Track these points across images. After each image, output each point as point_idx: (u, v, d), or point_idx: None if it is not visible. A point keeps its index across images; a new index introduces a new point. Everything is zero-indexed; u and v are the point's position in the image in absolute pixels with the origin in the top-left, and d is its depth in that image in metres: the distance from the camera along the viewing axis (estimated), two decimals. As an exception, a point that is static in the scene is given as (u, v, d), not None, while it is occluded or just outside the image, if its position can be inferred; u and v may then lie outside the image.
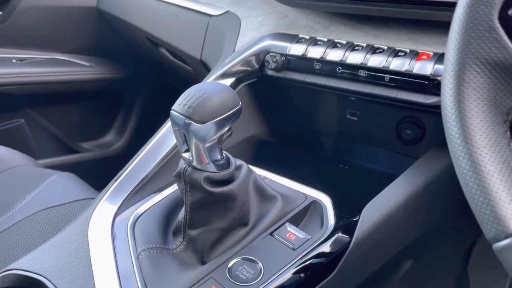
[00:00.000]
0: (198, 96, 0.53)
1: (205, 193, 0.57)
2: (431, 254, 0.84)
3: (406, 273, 0.81)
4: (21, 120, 1.42)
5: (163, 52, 1.36)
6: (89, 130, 1.64)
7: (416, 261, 0.81)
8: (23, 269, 0.56)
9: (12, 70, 1.34)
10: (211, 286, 0.54)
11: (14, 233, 0.86)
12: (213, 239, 0.59)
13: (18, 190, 1.00)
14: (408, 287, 0.85)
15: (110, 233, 0.60)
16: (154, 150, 0.73)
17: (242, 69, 0.83)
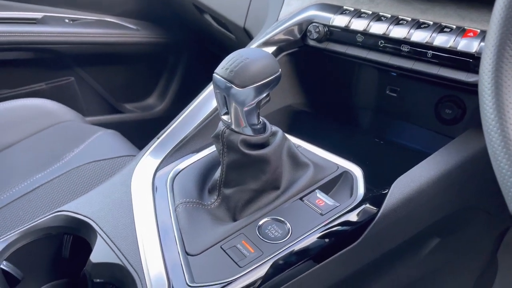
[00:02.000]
0: (240, 61, 0.55)
1: (240, 155, 0.60)
2: (459, 234, 0.84)
3: (432, 250, 0.81)
4: (71, 78, 1.50)
5: (207, 19, 1.38)
6: (133, 92, 1.70)
7: (443, 240, 0.82)
8: (73, 211, 0.62)
9: (65, 30, 1.41)
10: (241, 240, 0.57)
11: (64, 181, 0.93)
12: (245, 199, 0.62)
13: (67, 143, 1.07)
14: (433, 264, 0.86)
15: (151, 185, 0.65)
16: (195, 112, 0.76)
17: (284, 38, 0.84)
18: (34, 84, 1.43)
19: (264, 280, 0.54)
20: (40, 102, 1.19)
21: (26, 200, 0.90)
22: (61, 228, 0.62)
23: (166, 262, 0.54)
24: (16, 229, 0.60)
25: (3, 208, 0.88)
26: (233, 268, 0.54)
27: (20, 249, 0.59)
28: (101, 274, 0.55)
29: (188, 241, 0.57)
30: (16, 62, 1.40)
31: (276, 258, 0.55)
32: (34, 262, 0.61)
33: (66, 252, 0.62)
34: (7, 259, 0.58)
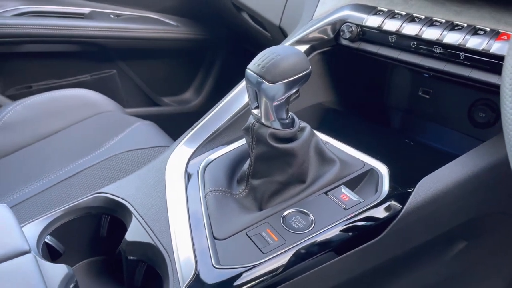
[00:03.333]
0: (271, 57, 0.58)
1: (269, 148, 0.62)
2: (487, 239, 0.83)
3: (458, 253, 0.81)
4: (113, 70, 1.57)
5: (245, 17, 1.41)
6: (171, 86, 1.77)
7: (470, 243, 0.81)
8: (111, 193, 0.67)
9: (110, 25, 1.48)
10: (266, 229, 0.60)
11: (103, 167, 0.99)
12: (272, 190, 0.65)
13: (108, 132, 1.13)
14: (459, 268, 0.86)
15: (184, 172, 0.69)
16: (228, 106, 0.79)
17: (317, 37, 0.86)
18: (79, 75, 1.51)
19: (286, 267, 0.56)
20: (84, 92, 1.26)
21: (68, 183, 0.96)
22: (100, 209, 0.66)
23: (195, 244, 0.57)
24: (60, 207, 0.66)
25: (48, 189, 0.94)
26: (257, 254, 0.56)
27: (62, 225, 0.64)
28: (134, 252, 0.60)
29: (216, 226, 0.60)
30: (64, 54, 1.48)
31: (298, 247, 0.57)
32: (75, 238, 0.66)
33: (103, 231, 0.67)
34: (51, 233, 0.63)
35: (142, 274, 0.60)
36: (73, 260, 0.65)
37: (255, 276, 0.55)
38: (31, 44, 1.40)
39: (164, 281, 0.56)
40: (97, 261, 0.69)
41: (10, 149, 1.10)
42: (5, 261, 0.49)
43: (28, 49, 1.42)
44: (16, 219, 0.55)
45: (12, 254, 0.49)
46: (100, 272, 0.68)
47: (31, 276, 0.47)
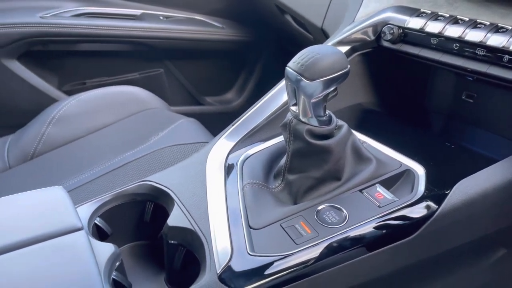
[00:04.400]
0: (311, 56, 0.60)
1: (305, 144, 0.64)
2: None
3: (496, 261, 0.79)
4: (161, 70, 1.65)
5: (288, 19, 1.44)
6: (214, 86, 1.82)
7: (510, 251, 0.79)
8: (155, 182, 0.71)
9: (159, 26, 1.55)
10: (300, 221, 0.62)
11: (148, 160, 1.05)
12: (307, 185, 0.67)
13: (153, 127, 1.19)
14: (498, 276, 0.84)
15: (223, 165, 0.72)
16: (267, 104, 0.82)
17: (358, 38, 0.87)
18: (129, 73, 1.60)
19: (317, 259, 0.58)
20: (133, 89, 1.33)
21: (116, 173, 1.02)
22: (145, 196, 0.71)
23: (231, 231, 0.60)
24: (108, 192, 0.71)
25: (98, 178, 1.01)
26: (290, 244, 0.59)
27: (111, 209, 0.69)
28: (175, 236, 0.63)
29: (252, 217, 0.63)
30: (116, 53, 1.57)
31: (331, 240, 0.59)
32: (121, 222, 0.71)
33: (147, 217, 0.72)
34: (100, 216, 0.68)
35: (181, 258, 0.63)
36: (119, 242, 0.70)
37: (287, 265, 0.57)
38: (87, 43, 1.50)
39: (201, 265, 0.59)
40: (140, 245, 0.74)
41: (64, 140, 1.18)
42: (60, 236, 0.54)
43: (83, 48, 1.52)
44: (71, 200, 0.60)
45: (67, 230, 0.55)
46: (142, 255, 0.72)
47: (83, 250, 0.52)
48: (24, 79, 1.42)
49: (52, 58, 1.49)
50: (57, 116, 1.20)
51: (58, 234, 0.54)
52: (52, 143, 1.17)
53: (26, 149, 1.16)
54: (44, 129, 1.17)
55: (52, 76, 1.51)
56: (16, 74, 1.41)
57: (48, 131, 1.17)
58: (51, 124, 1.18)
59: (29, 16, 1.39)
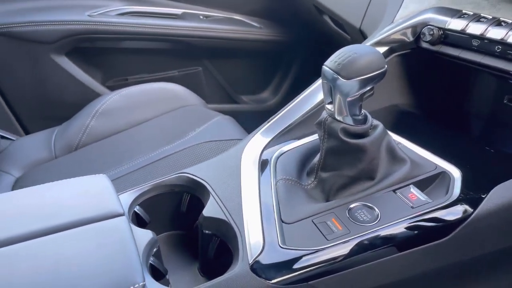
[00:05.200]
0: (348, 55, 0.61)
1: (339, 142, 0.65)
2: None
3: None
4: (199, 68, 1.69)
5: (326, 19, 1.44)
6: (250, 85, 1.84)
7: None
8: (192, 174, 0.74)
9: (199, 25, 1.59)
10: (331, 218, 0.63)
11: (185, 155, 1.08)
12: (340, 183, 0.67)
13: (191, 123, 1.23)
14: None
15: (257, 160, 0.74)
16: (303, 102, 0.83)
17: (397, 39, 0.87)
18: (169, 71, 1.65)
19: (347, 256, 0.59)
20: (172, 86, 1.38)
21: (154, 166, 1.07)
22: (182, 187, 0.74)
23: (264, 224, 0.62)
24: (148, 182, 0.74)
25: (138, 170, 1.06)
26: (321, 240, 0.60)
27: (149, 198, 0.73)
28: (209, 226, 0.66)
29: (284, 211, 0.65)
30: (157, 51, 1.62)
31: (362, 238, 0.60)
32: (159, 211, 0.74)
33: (184, 207, 0.75)
34: (139, 204, 0.72)
35: (215, 247, 0.66)
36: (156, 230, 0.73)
37: (317, 260, 0.58)
38: (130, 41, 1.56)
39: (234, 255, 0.61)
40: (176, 235, 0.77)
41: (107, 133, 1.24)
42: (103, 220, 0.57)
43: (126, 46, 1.58)
44: (113, 187, 0.64)
45: (110, 215, 0.58)
46: (177, 244, 0.75)
47: (124, 235, 0.55)
48: (71, 74, 1.49)
49: (97, 54, 1.56)
50: (100, 109, 1.25)
51: (101, 218, 0.57)
52: (95, 135, 1.23)
53: (71, 140, 1.22)
54: (88, 121, 1.23)
55: (97, 71, 1.58)
56: (64, 69, 1.48)
57: (92, 124, 1.23)
58: (95, 117, 1.24)
59: (78, 14, 1.46)
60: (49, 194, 0.63)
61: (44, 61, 1.45)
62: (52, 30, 1.42)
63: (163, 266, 0.63)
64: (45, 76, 1.48)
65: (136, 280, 0.49)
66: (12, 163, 1.19)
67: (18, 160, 1.20)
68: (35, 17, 1.42)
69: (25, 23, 1.40)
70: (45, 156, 1.21)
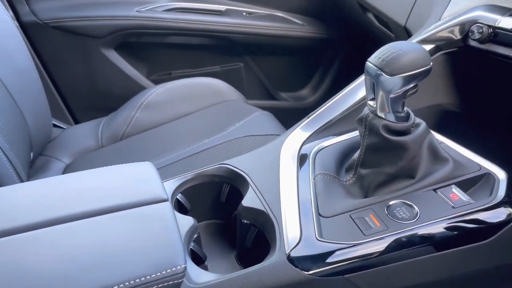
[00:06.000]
0: (393, 51, 0.60)
1: (380, 139, 0.65)
2: None
3: None
4: (240, 64, 1.71)
5: (369, 17, 1.42)
6: (289, 82, 1.85)
7: None
8: (232, 165, 0.76)
9: (242, 21, 1.62)
10: (370, 214, 0.63)
11: (225, 148, 1.11)
12: (379, 181, 0.67)
13: (231, 118, 1.25)
14: None
15: (296, 154, 0.75)
16: (344, 99, 0.83)
17: (443, 37, 0.85)
18: (211, 66, 1.68)
19: (384, 252, 0.59)
20: (214, 81, 1.40)
21: (195, 158, 1.10)
22: (222, 178, 0.76)
23: (301, 217, 0.63)
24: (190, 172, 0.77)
25: (178, 161, 1.09)
26: (358, 235, 0.60)
27: (191, 187, 0.76)
28: (248, 216, 0.68)
29: (322, 205, 0.65)
30: (200, 46, 1.66)
31: (399, 235, 0.59)
32: (199, 200, 0.77)
33: (223, 197, 0.77)
34: (181, 192, 0.74)
35: (252, 237, 0.67)
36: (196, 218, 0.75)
37: (354, 254, 0.58)
38: (174, 36, 1.60)
39: (271, 245, 0.62)
40: (214, 223, 0.79)
41: (150, 124, 1.28)
42: (149, 205, 0.60)
43: (171, 41, 1.63)
44: (158, 174, 0.67)
45: (155, 200, 0.61)
46: (216, 233, 0.78)
47: (168, 219, 0.58)
48: (119, 67, 1.56)
49: (143, 49, 1.61)
50: (145, 102, 1.30)
51: (147, 203, 0.60)
52: (139, 127, 1.28)
53: (116, 130, 1.28)
54: (133, 113, 1.28)
55: (142, 65, 1.63)
56: (112, 63, 1.55)
57: (137, 116, 1.28)
58: (140, 109, 1.29)
59: (127, 10, 1.52)
60: (98, 178, 0.67)
61: (95, 55, 1.52)
62: (103, 25, 1.49)
63: (202, 252, 0.65)
64: (95, 69, 1.55)
65: (179, 262, 0.52)
66: (63, 150, 1.26)
67: (68, 147, 1.27)
68: (87, 12, 1.49)
69: (78, 18, 1.47)
70: (92, 145, 1.28)
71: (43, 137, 1.23)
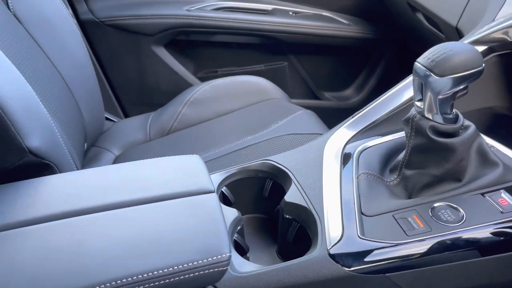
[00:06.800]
0: (443, 52, 0.60)
1: (427, 140, 0.64)
2: None
3: None
4: (284, 63, 1.72)
5: (419, 17, 1.39)
6: (333, 82, 1.84)
7: None
8: (276, 162, 0.78)
9: (288, 21, 1.63)
10: (413, 215, 0.63)
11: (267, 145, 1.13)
12: (424, 182, 0.67)
13: (274, 116, 1.27)
14: None
15: (340, 152, 0.75)
16: (390, 99, 0.83)
17: (497, 38, 0.83)
18: (255, 65, 1.70)
19: (426, 253, 0.58)
20: (258, 80, 1.43)
21: (238, 154, 1.12)
22: (266, 173, 0.78)
23: (343, 214, 0.64)
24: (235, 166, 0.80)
25: (223, 156, 1.12)
26: (401, 235, 0.60)
27: (236, 181, 0.78)
28: (290, 211, 0.69)
29: (364, 204, 0.66)
30: (245, 45, 1.69)
31: (444, 238, 0.59)
32: (243, 194, 0.79)
33: (266, 192, 0.79)
34: (226, 185, 0.77)
35: (294, 232, 0.69)
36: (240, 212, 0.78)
37: (397, 254, 0.59)
38: (221, 34, 1.64)
39: (313, 240, 0.64)
40: (256, 217, 0.81)
41: (196, 120, 1.32)
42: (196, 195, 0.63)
43: (218, 39, 1.67)
44: (205, 166, 0.70)
45: (202, 191, 0.63)
46: (258, 226, 0.80)
47: (214, 210, 0.60)
48: (167, 64, 1.61)
49: (191, 47, 1.66)
50: (191, 98, 1.34)
51: (194, 193, 0.63)
52: (185, 122, 1.32)
53: (164, 125, 1.33)
54: (180, 109, 1.33)
55: (190, 63, 1.68)
56: (162, 60, 1.61)
57: (183, 111, 1.32)
58: (186, 105, 1.33)
59: (177, 8, 1.57)
60: (150, 168, 0.71)
61: (146, 52, 1.59)
62: (154, 23, 1.55)
63: (245, 243, 0.68)
64: (145, 65, 1.61)
65: (224, 250, 0.54)
66: (113, 142, 1.33)
67: (118, 140, 1.34)
68: (140, 11, 1.55)
69: (132, 16, 1.54)
70: (141, 138, 1.33)
71: (96, 129, 1.30)
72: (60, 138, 0.80)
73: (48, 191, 0.64)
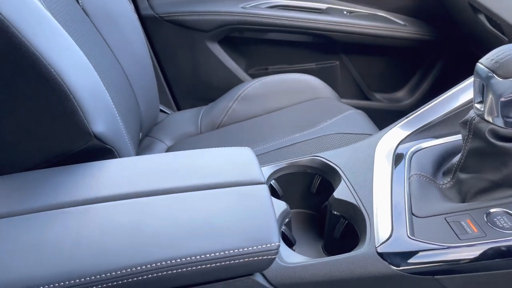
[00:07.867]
0: (508, 53, 0.58)
1: (485, 143, 0.63)
2: None
3: None
4: (336, 62, 1.71)
5: (481, 19, 1.34)
6: (385, 83, 1.81)
7: None
8: (326, 158, 0.78)
9: (342, 20, 1.62)
10: (466, 219, 0.61)
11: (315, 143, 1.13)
12: (479, 187, 0.65)
13: (323, 115, 1.27)
14: None
15: (392, 152, 0.75)
16: (447, 101, 0.81)
17: None
18: (306, 63, 1.71)
19: (479, 259, 0.57)
20: (309, 78, 1.43)
21: (285, 151, 1.14)
22: (315, 169, 0.79)
23: (393, 213, 0.64)
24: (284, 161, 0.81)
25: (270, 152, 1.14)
26: (453, 238, 0.59)
27: (285, 175, 0.79)
28: (339, 208, 0.70)
29: (416, 205, 0.65)
30: (297, 43, 1.69)
31: (498, 244, 0.57)
32: (291, 188, 0.80)
33: (314, 188, 0.80)
34: (275, 179, 0.79)
35: (341, 229, 0.69)
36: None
37: (447, 257, 0.58)
38: (274, 32, 1.66)
39: (361, 238, 0.64)
40: (303, 213, 0.82)
41: (246, 116, 1.35)
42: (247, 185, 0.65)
43: (270, 37, 1.69)
44: (257, 159, 0.71)
45: (253, 182, 0.65)
46: (304, 222, 0.81)
47: (265, 200, 0.62)
48: (220, 60, 1.65)
49: (243, 44, 1.69)
50: (242, 94, 1.37)
51: (246, 183, 0.65)
52: (235, 117, 1.35)
53: (214, 119, 1.37)
54: (231, 104, 1.36)
55: (242, 60, 1.71)
56: (215, 56, 1.65)
57: (234, 107, 1.36)
58: (237, 101, 1.36)
59: (233, 6, 1.61)
60: (203, 157, 0.74)
61: (200, 48, 1.63)
62: (210, 20, 1.59)
63: (292, 236, 0.69)
64: (199, 61, 1.66)
65: (274, 240, 0.56)
66: (166, 133, 1.38)
67: (171, 131, 1.39)
68: (197, 7, 1.60)
69: (188, 12, 1.59)
70: (192, 131, 1.38)
71: (151, 120, 1.36)
72: (122, 126, 0.85)
73: (110, 173, 0.68)
